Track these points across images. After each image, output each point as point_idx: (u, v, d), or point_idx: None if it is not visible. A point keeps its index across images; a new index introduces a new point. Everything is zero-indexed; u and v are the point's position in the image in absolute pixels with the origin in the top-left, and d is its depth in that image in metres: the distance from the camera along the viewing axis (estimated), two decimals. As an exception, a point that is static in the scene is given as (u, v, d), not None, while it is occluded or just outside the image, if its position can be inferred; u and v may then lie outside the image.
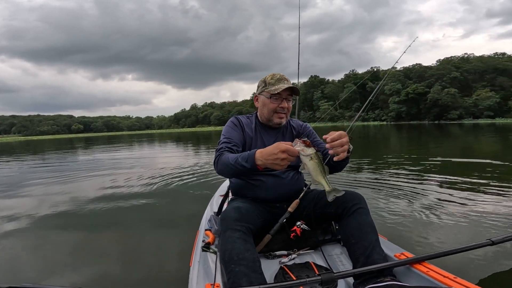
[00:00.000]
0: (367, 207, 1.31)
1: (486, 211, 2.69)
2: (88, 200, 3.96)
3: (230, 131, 1.50)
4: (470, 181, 3.90)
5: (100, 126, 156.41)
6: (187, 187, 4.53)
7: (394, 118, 59.58)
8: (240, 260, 1.08)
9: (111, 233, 2.70)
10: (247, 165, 1.20)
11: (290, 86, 1.45)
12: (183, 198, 3.87)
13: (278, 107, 1.48)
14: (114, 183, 5.04)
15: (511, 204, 2.86)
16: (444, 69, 58.19)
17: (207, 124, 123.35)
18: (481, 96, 50.59)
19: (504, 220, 2.45)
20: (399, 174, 4.70)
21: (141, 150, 14.27)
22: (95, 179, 5.77)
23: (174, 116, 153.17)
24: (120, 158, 10.45)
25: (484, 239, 1.20)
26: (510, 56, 62.01)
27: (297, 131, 1.62)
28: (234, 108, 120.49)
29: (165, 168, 6.71)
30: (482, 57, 61.75)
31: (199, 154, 10.43)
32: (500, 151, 8.23)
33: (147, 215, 3.18)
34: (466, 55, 64.45)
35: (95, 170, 7.10)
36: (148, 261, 2.04)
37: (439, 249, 1.21)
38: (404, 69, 65.47)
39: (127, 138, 35.41)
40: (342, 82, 72.75)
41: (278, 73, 1.53)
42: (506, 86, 50.21)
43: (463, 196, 3.21)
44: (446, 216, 2.61)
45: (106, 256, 2.19)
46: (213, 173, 5.42)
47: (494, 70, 55.32)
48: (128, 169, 6.83)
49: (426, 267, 1.10)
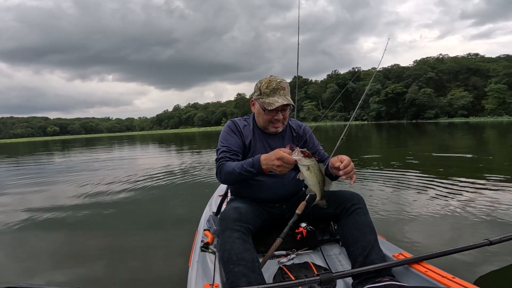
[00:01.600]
0: (366, 207, 1.31)
1: (484, 210, 2.69)
2: (85, 202, 3.90)
3: (228, 138, 1.48)
4: (467, 181, 3.90)
5: (78, 128, 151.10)
6: (185, 187, 4.49)
7: (374, 118, 61.14)
8: (239, 260, 1.08)
9: (110, 234, 2.67)
10: (253, 170, 1.25)
11: (283, 103, 1.41)
12: (181, 198, 3.85)
13: (273, 118, 1.47)
14: (109, 185, 4.92)
15: (509, 203, 2.87)
16: (420, 69, 60.35)
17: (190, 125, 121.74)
18: (455, 96, 52.85)
19: (501, 220, 2.46)
20: (398, 174, 4.69)
21: (130, 152, 14.00)
22: (89, 180, 5.59)
23: (157, 117, 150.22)
24: (109, 160, 10.22)
25: (482, 239, 1.20)
26: (483, 56, 65.23)
27: (297, 132, 1.62)
28: (218, 109, 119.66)
29: (161, 169, 6.63)
30: (456, 58, 64.49)
31: (193, 155, 10.31)
32: (491, 148, 8.51)
33: (145, 216, 3.15)
34: (441, 56, 67.16)
35: (87, 172, 6.92)
36: (147, 262, 2.03)
37: (437, 249, 1.21)
38: (384, 69, 67.39)
39: (107, 140, 34.25)
40: (325, 83, 73.94)
41: (274, 78, 1.45)
42: (479, 86, 52.75)
43: (461, 196, 3.22)
44: (444, 216, 2.61)
45: (105, 257, 2.17)
46: (211, 173, 5.53)
47: (468, 70, 57.98)
48: (123, 171, 6.70)
49: (425, 267, 1.11)
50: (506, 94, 47.36)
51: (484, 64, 57.76)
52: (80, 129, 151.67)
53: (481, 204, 2.89)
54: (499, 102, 47.76)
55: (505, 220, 2.45)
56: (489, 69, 53.23)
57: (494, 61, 59.13)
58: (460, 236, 2.23)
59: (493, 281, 1.62)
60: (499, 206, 2.80)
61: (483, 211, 2.69)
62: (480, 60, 62.44)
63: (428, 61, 66.06)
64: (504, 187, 3.54)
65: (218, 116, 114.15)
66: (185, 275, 1.29)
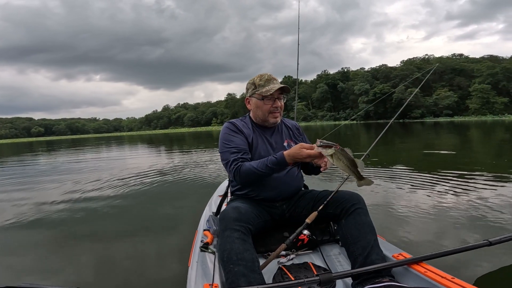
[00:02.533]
0: (366, 208, 1.32)
1: (483, 211, 2.70)
2: (82, 202, 3.88)
3: (232, 139, 1.48)
4: (466, 181, 3.90)
5: (63, 129, 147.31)
6: (185, 187, 4.50)
7: (363, 117, 61.98)
8: (239, 260, 1.08)
9: (109, 234, 2.66)
10: (278, 167, 1.32)
11: (281, 86, 1.47)
12: (181, 199, 3.85)
13: (272, 107, 1.49)
14: (106, 187, 4.85)
15: (508, 204, 2.87)
16: (407, 69, 61.57)
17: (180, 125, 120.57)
18: (441, 96, 54.14)
19: (501, 220, 2.46)
20: (397, 174, 4.67)
21: (122, 152, 13.77)
22: (86, 181, 5.50)
23: (145, 117, 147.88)
24: (101, 160, 10.09)
25: (482, 239, 1.20)
26: (467, 57, 67.05)
27: (291, 129, 1.66)
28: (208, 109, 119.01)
29: (159, 169, 6.59)
30: (441, 58, 66.09)
31: (190, 155, 10.21)
32: (486, 147, 8.71)
33: (145, 216, 3.14)
34: (427, 56, 68.76)
35: (81, 173, 6.79)
36: (146, 261, 2.03)
37: (437, 249, 1.21)
38: (372, 69, 68.45)
39: (94, 141, 33.47)
40: (315, 82, 74.45)
41: (264, 73, 1.53)
42: (463, 86, 54.20)
43: (460, 196, 3.23)
44: (444, 216, 2.62)
45: (104, 257, 2.17)
46: (211, 173, 5.58)
47: (452, 70, 59.48)
48: (118, 170, 6.64)
49: (424, 268, 1.11)
50: (490, 94, 48.83)
51: (468, 65, 59.39)
52: (66, 130, 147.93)
53: (481, 204, 2.89)
54: (483, 102, 49.18)
55: (505, 220, 2.45)
56: (473, 70, 54.81)
57: (478, 61, 60.90)
58: (459, 237, 2.23)
59: (493, 282, 1.62)
60: (499, 206, 2.80)
61: (483, 211, 2.68)
62: (464, 60, 64.18)
63: (414, 61, 67.46)
64: (503, 186, 3.57)
65: (208, 117, 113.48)
66: (185, 275, 1.29)
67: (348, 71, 74.25)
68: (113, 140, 33.21)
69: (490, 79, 49.79)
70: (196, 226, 1.85)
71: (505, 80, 50.11)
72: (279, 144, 1.57)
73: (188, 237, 1.94)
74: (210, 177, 5.13)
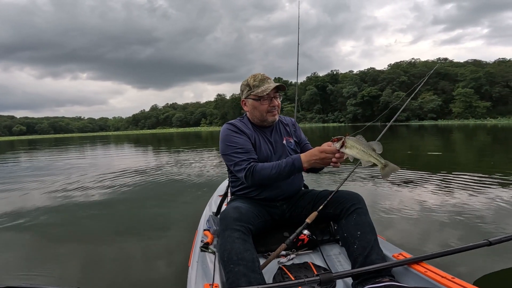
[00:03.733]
0: (366, 207, 1.32)
1: (483, 210, 2.72)
2: (79, 202, 3.85)
3: (236, 140, 1.46)
4: (466, 181, 3.95)
5: (46, 128, 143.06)
6: (185, 187, 4.49)
7: (351, 120, 62.87)
8: (239, 260, 1.09)
9: (109, 234, 2.64)
10: (295, 170, 1.33)
11: (276, 85, 1.46)
12: (181, 198, 3.84)
13: (269, 107, 1.48)
14: (109, 184, 4.84)
15: (508, 204, 2.89)
16: (394, 73, 62.90)
17: (168, 125, 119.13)
18: (425, 100, 55.52)
19: (501, 220, 2.48)
20: (398, 174, 4.64)
21: (117, 151, 13.42)
22: (84, 181, 5.36)
23: (133, 117, 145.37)
24: (93, 158, 9.99)
25: (482, 239, 1.21)
26: (451, 61, 69.10)
27: (288, 126, 1.66)
28: (197, 109, 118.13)
29: (157, 168, 6.55)
30: (427, 62, 67.89)
31: (188, 155, 10.02)
32: (480, 151, 8.75)
33: (145, 215, 3.14)
34: (413, 60, 70.45)
35: (81, 172, 6.58)
36: (147, 262, 2.02)
37: (437, 249, 1.24)
38: (360, 72, 69.56)
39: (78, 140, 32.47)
40: (304, 84, 74.96)
41: (257, 73, 1.51)
42: (447, 90, 55.77)
43: (461, 196, 3.22)
44: (444, 217, 2.62)
45: (105, 258, 2.15)
46: (211, 173, 5.57)
47: (437, 74, 61.08)
48: (120, 170, 6.52)
49: (424, 267, 1.12)
50: (473, 98, 50.43)
51: (452, 69, 61.18)
52: (49, 129, 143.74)
53: (481, 203, 2.91)
54: (465, 106, 50.74)
55: (505, 220, 2.48)
56: (457, 74, 56.47)
57: (461, 65, 62.86)
58: (459, 236, 2.23)
59: (493, 282, 1.63)
60: (499, 205, 2.82)
61: (482, 211, 2.70)
62: (449, 64, 66.09)
63: (401, 65, 68.98)
64: (502, 186, 3.63)
65: (197, 117, 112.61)
66: (185, 275, 1.29)
67: (337, 73, 75.25)
68: (99, 139, 32.36)
69: (473, 84, 51.42)
70: (196, 226, 1.85)
71: (487, 84, 51.89)
72: (279, 143, 1.57)
73: (188, 237, 1.93)
74: (210, 177, 5.08)
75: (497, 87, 51.72)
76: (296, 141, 1.64)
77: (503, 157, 6.87)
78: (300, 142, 1.66)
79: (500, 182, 3.87)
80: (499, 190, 3.43)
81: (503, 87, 51.74)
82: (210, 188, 3.35)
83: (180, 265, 1.79)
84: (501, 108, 51.05)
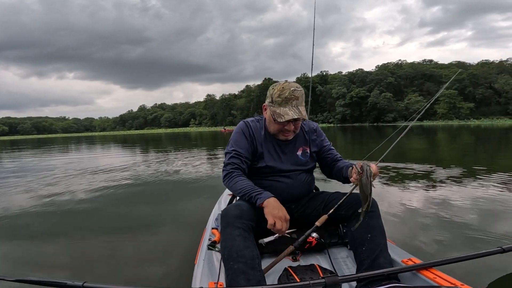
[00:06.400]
0: (378, 211, 1.29)
1: (497, 215, 2.66)
2: (92, 196, 3.99)
3: (239, 140, 1.45)
4: (481, 186, 3.82)
5: (29, 128, 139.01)
6: (195, 185, 4.55)
7: (340, 120, 63.48)
8: (239, 257, 1.08)
9: (117, 230, 2.68)
10: (251, 201, 1.26)
11: (294, 118, 1.35)
12: (191, 197, 3.91)
13: (283, 128, 1.41)
14: (118, 182, 4.93)
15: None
16: (381, 74, 63.88)
17: (157, 126, 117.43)
18: (411, 101, 56.65)
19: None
20: (413, 178, 4.52)
21: (118, 151, 13.21)
22: (93, 179, 5.44)
23: (120, 117, 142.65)
24: (103, 158, 9.99)
25: (495, 246, 1.19)
26: (436, 63, 70.83)
27: (308, 133, 1.56)
28: (187, 110, 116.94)
29: (169, 167, 6.61)
30: (413, 64, 69.33)
31: (195, 154, 10.04)
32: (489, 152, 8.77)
33: (156, 213, 3.15)
34: (400, 62, 71.78)
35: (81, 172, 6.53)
36: (153, 258, 2.03)
37: (448, 255, 1.21)
38: (349, 73, 70.33)
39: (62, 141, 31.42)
40: (293, 85, 75.05)
41: (288, 85, 1.36)
42: (432, 91, 57.00)
43: (475, 202, 3.13)
44: (457, 222, 2.57)
45: (113, 253, 2.16)
46: (219, 173, 5.33)
47: (423, 76, 62.54)
48: (123, 168, 6.61)
49: (434, 274, 1.10)
50: (456, 100, 51.76)
51: (437, 70, 62.73)
52: (32, 129, 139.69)
53: (495, 208, 2.86)
54: (450, 107, 52.03)
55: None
56: (442, 75, 57.85)
57: (446, 67, 64.53)
58: (471, 243, 2.17)
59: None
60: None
61: (496, 216, 2.64)
62: (434, 66, 67.72)
63: (388, 66, 70.19)
64: None
65: (186, 117, 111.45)
66: (191, 272, 1.30)
67: (326, 74, 75.87)
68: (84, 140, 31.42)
69: (457, 85, 52.76)
70: (205, 224, 1.85)
71: (471, 86, 53.40)
72: (292, 154, 1.50)
73: (197, 235, 1.92)
74: (219, 176, 4.91)
75: (480, 89, 53.32)
76: (316, 150, 1.56)
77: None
78: (320, 151, 1.57)
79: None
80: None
81: (486, 88, 53.40)
82: (221, 187, 3.21)
83: (187, 263, 1.77)
84: (484, 109, 52.67)
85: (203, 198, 3.71)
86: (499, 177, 4.23)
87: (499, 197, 3.24)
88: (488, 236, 2.22)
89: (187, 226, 2.68)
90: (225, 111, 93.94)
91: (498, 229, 2.36)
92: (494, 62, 61.60)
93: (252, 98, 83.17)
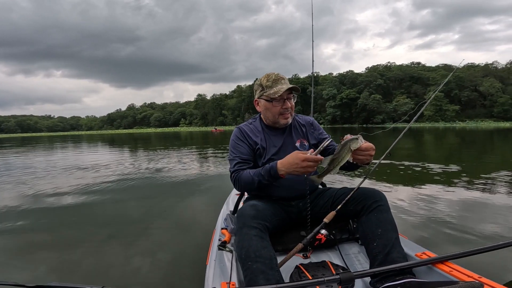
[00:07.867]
0: (387, 204, 1.29)
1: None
2: (100, 196, 3.99)
3: (237, 147, 1.49)
4: (492, 179, 3.91)
5: (13, 127, 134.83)
6: (202, 186, 4.51)
7: (330, 122, 63.95)
8: (257, 257, 1.08)
9: (129, 231, 2.67)
10: (270, 178, 1.29)
11: (289, 86, 1.44)
12: (199, 197, 3.88)
13: (281, 109, 1.46)
14: (120, 185, 4.81)
15: None
16: (371, 76, 64.74)
17: (146, 125, 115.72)
18: (399, 103, 57.59)
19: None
20: (422, 173, 4.55)
21: (119, 152, 12.60)
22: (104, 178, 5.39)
23: (108, 116, 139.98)
24: (107, 157, 9.72)
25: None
26: (424, 65, 72.23)
27: (305, 126, 1.59)
28: (177, 109, 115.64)
29: (173, 167, 6.58)
30: (401, 66, 70.55)
31: (202, 153, 9.99)
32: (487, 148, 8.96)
33: (164, 214, 3.15)
34: (389, 64, 72.93)
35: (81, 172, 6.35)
36: (165, 260, 2.05)
37: (463, 248, 1.16)
38: (339, 75, 71.01)
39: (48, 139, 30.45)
40: (284, 86, 75.34)
41: (271, 73, 1.48)
42: (420, 93, 58.12)
43: (487, 193, 3.14)
44: (470, 214, 2.56)
45: (125, 255, 2.16)
46: (224, 172, 5.56)
47: (411, 78, 63.66)
48: (130, 169, 6.51)
49: (449, 267, 1.07)
50: (443, 102, 52.90)
51: (425, 73, 63.97)
52: (16, 128, 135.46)
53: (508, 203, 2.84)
54: (436, 109, 53.13)
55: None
56: (429, 78, 59.02)
57: (433, 70, 65.90)
58: (488, 235, 2.14)
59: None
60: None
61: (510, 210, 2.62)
62: (421, 68, 69.06)
63: (378, 68, 71.19)
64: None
65: (177, 117, 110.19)
66: (203, 273, 1.32)
67: (317, 75, 76.37)
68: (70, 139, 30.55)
69: (443, 88, 53.88)
70: (214, 225, 1.85)
71: (457, 88, 54.66)
72: (291, 145, 1.52)
73: (206, 236, 1.94)
74: (226, 176, 4.83)
75: (465, 91, 54.66)
76: (315, 143, 1.56)
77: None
78: (319, 144, 1.55)
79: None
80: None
81: (472, 91, 54.78)
82: (228, 187, 3.27)
83: (199, 264, 1.81)
84: (469, 112, 54.01)
85: (210, 198, 3.73)
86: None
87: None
88: (503, 230, 2.16)
89: (196, 227, 2.70)
90: (216, 111, 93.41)
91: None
92: (480, 65, 63.33)
93: (243, 98, 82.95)
